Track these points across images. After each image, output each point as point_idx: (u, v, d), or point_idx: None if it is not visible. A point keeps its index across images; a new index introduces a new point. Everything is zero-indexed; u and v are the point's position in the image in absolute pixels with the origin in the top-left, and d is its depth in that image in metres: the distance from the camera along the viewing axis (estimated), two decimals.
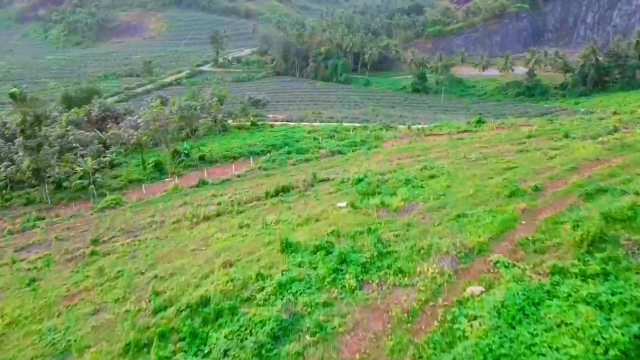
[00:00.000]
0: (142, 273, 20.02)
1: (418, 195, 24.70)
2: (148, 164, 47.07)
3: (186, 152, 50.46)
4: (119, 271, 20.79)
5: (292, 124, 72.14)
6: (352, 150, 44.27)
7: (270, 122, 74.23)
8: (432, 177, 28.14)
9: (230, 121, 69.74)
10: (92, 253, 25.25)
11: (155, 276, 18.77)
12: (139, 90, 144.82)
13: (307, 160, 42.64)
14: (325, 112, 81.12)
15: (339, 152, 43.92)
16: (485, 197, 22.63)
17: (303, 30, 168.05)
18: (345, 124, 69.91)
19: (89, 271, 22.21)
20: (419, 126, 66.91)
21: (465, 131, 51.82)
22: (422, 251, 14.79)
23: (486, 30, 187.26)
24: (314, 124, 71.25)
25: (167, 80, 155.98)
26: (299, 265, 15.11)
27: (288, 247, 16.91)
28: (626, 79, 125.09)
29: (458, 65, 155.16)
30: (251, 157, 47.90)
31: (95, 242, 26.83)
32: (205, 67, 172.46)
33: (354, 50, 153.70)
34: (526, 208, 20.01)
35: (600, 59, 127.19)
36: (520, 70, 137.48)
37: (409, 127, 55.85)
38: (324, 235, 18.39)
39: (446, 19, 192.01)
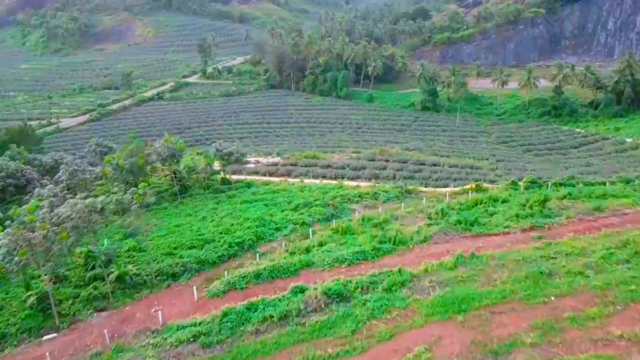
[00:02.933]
0: None
1: None
2: (31, 294, 28.19)
3: (105, 257, 31.43)
4: None
5: (276, 179, 52.98)
6: (359, 291, 25.08)
7: (250, 176, 55.17)
8: None
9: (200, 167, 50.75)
10: None
11: None
12: (115, 106, 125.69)
13: (284, 317, 23.55)
14: (322, 158, 61.71)
15: (339, 297, 24.68)
16: None
17: (299, 38, 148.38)
18: (347, 183, 50.72)
19: None
20: (451, 190, 47.76)
21: (532, 228, 32.78)
22: None
23: (499, 37, 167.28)
24: (306, 180, 52.11)
25: (148, 94, 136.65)
26: None
27: None
28: None
29: (470, 77, 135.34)
30: (195, 287, 28.77)
31: None
32: (192, 79, 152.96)
33: (356, 62, 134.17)
34: None
35: (635, 74, 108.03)
36: (541, 83, 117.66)
37: (442, 213, 36.52)
38: None
39: (455, 24, 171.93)
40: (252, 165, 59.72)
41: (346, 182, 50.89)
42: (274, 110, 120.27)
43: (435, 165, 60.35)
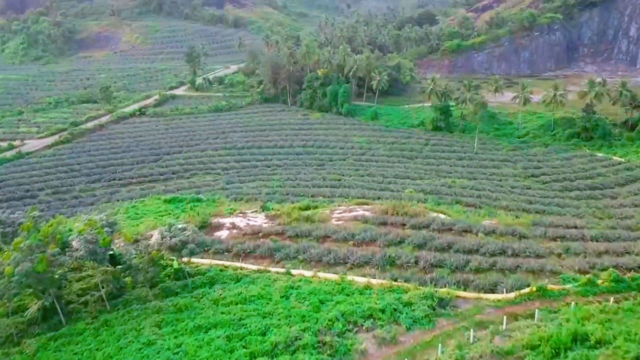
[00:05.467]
0: None
1: None
2: None
3: None
4: None
5: (253, 268, 37.38)
6: None
7: (218, 258, 39.61)
8: None
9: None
10: None
11: None
12: (90, 125, 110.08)
13: None
14: (318, 220, 46.23)
15: None
16: None
17: (297, 46, 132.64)
18: (351, 278, 35.17)
19: None
20: (503, 297, 32.12)
21: None
22: None
23: (513, 44, 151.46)
24: (295, 271, 36.51)
25: (129, 109, 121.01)
26: None
27: None
28: None
29: (483, 89, 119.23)
30: None
31: None
32: (180, 90, 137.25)
33: (359, 75, 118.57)
34: None
35: None
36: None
37: None
38: None
39: (465, 30, 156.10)
40: (225, 233, 44.19)
41: (350, 277, 35.20)
42: (267, 129, 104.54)
43: (466, 231, 44.81)
